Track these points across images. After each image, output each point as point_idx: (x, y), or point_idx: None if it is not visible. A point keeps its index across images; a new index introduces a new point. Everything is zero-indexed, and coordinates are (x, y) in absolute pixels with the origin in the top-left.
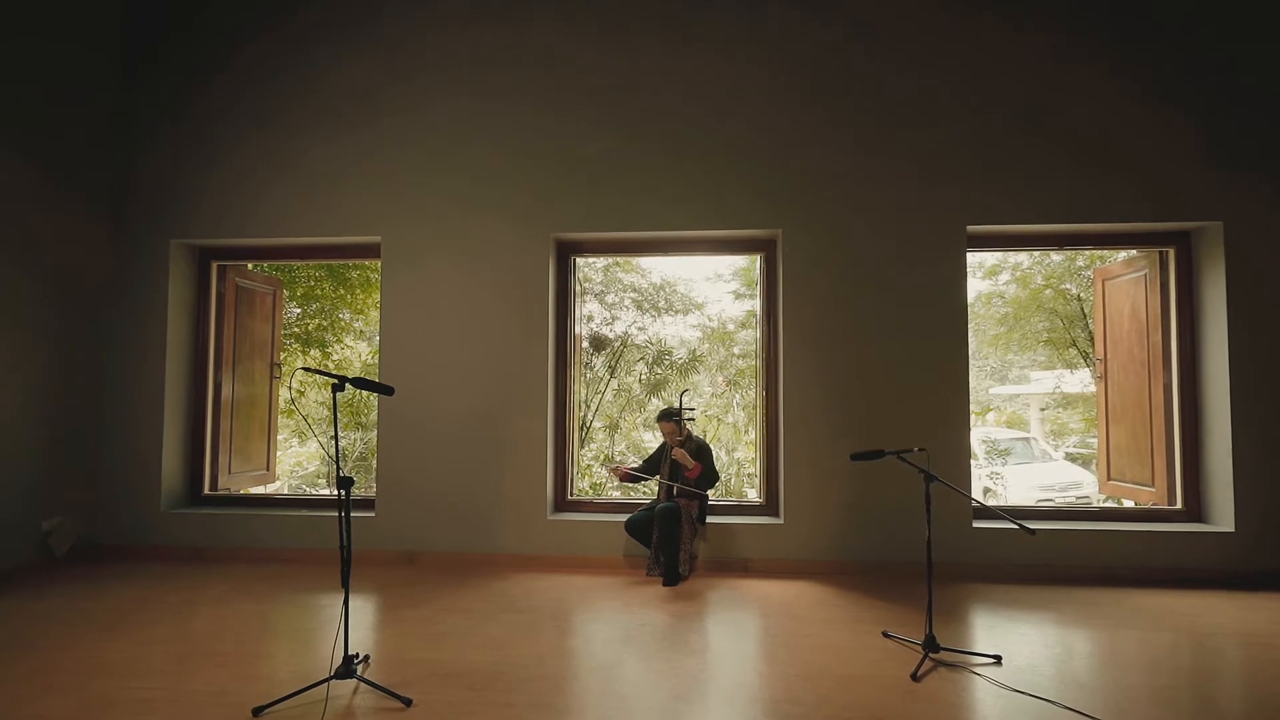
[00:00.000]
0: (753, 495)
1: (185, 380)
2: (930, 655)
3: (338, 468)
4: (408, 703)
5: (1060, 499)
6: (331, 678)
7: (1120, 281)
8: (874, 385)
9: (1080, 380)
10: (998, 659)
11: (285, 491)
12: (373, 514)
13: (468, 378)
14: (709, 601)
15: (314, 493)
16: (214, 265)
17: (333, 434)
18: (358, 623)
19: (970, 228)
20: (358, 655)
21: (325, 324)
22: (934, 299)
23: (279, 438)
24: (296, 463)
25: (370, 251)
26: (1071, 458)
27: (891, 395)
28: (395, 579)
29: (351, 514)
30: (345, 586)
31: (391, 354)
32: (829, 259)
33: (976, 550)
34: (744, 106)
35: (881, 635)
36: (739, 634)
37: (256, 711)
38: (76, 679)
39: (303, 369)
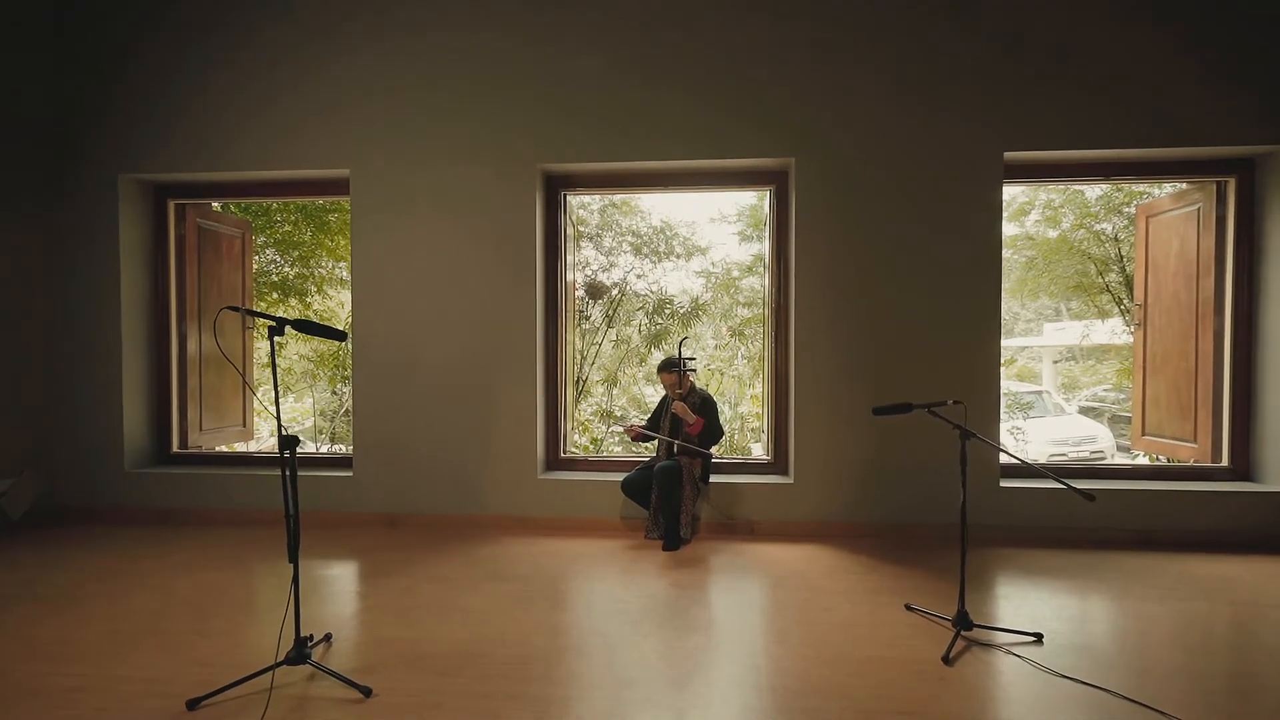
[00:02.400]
0: (758, 451)
1: (145, 330)
2: (962, 634)
3: (278, 423)
4: (366, 692)
5: (1074, 454)
6: (281, 663)
7: (1167, 218)
8: (894, 333)
9: (1109, 329)
10: (1038, 637)
11: (273, 449)
12: (351, 473)
13: (450, 325)
14: (713, 568)
15: (303, 450)
16: (171, 204)
17: (303, 385)
18: (325, 595)
19: (1008, 155)
20: (311, 638)
21: (307, 272)
22: (965, 237)
23: (270, 394)
24: (292, 418)
25: (340, 188)
26: (1084, 411)
27: (914, 344)
28: (373, 544)
29: (328, 474)
30: (294, 562)
31: (365, 300)
32: (847, 191)
33: (1004, 511)
34: (753, 16)
35: (905, 609)
36: (747, 608)
37: (191, 705)
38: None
39: (229, 308)
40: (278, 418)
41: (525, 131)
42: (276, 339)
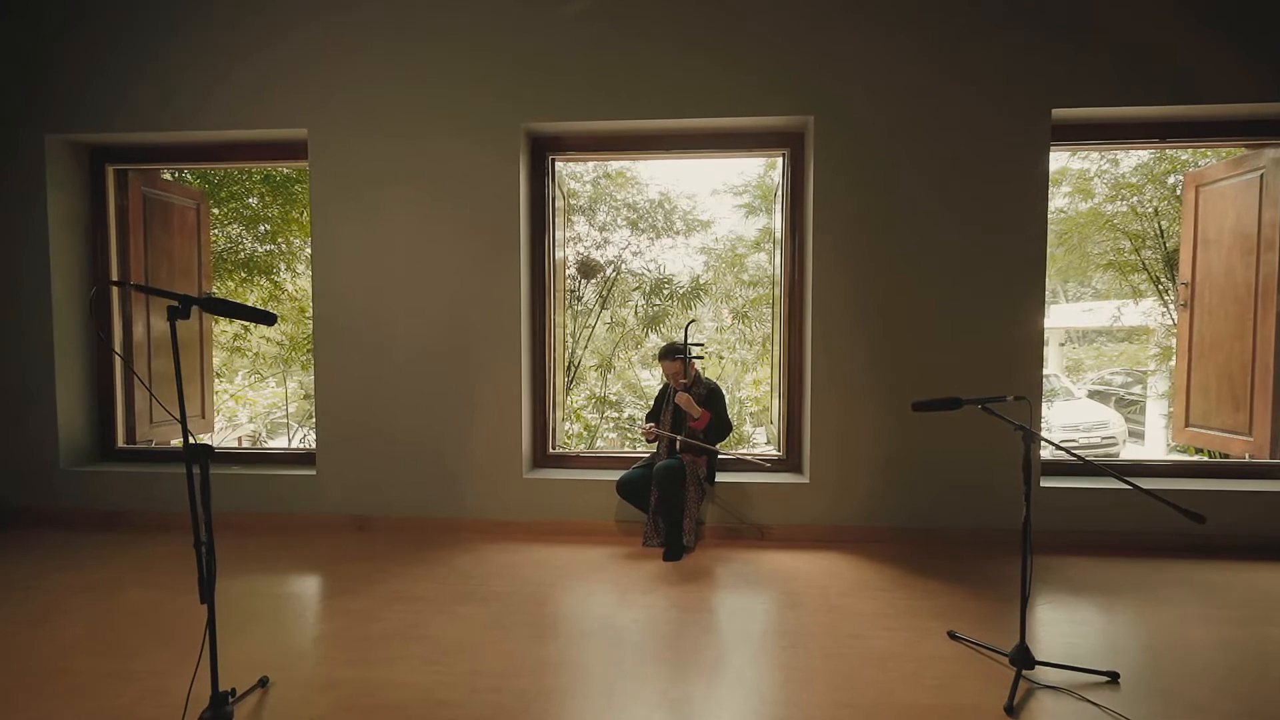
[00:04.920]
0: (759, 438)
1: (82, 311)
2: (1024, 674)
3: (183, 424)
4: None
5: (1086, 440)
6: None
7: (1222, 187)
8: (923, 315)
9: (1141, 311)
10: (1113, 677)
11: (245, 441)
12: (314, 471)
13: (425, 304)
14: (721, 583)
15: (265, 446)
16: (110, 170)
17: (274, 370)
18: (271, 622)
19: (1056, 112)
20: (232, 693)
21: (278, 250)
22: (1006, 207)
23: (245, 380)
24: (272, 404)
25: (298, 151)
26: (1092, 396)
27: (945, 328)
28: (337, 552)
29: (287, 472)
30: (207, 602)
31: (327, 277)
32: (872, 155)
33: (1044, 514)
34: None
35: (948, 637)
36: (762, 636)
37: None
38: None
39: (113, 283)
40: (182, 421)
41: (507, 85)
42: (212, 318)
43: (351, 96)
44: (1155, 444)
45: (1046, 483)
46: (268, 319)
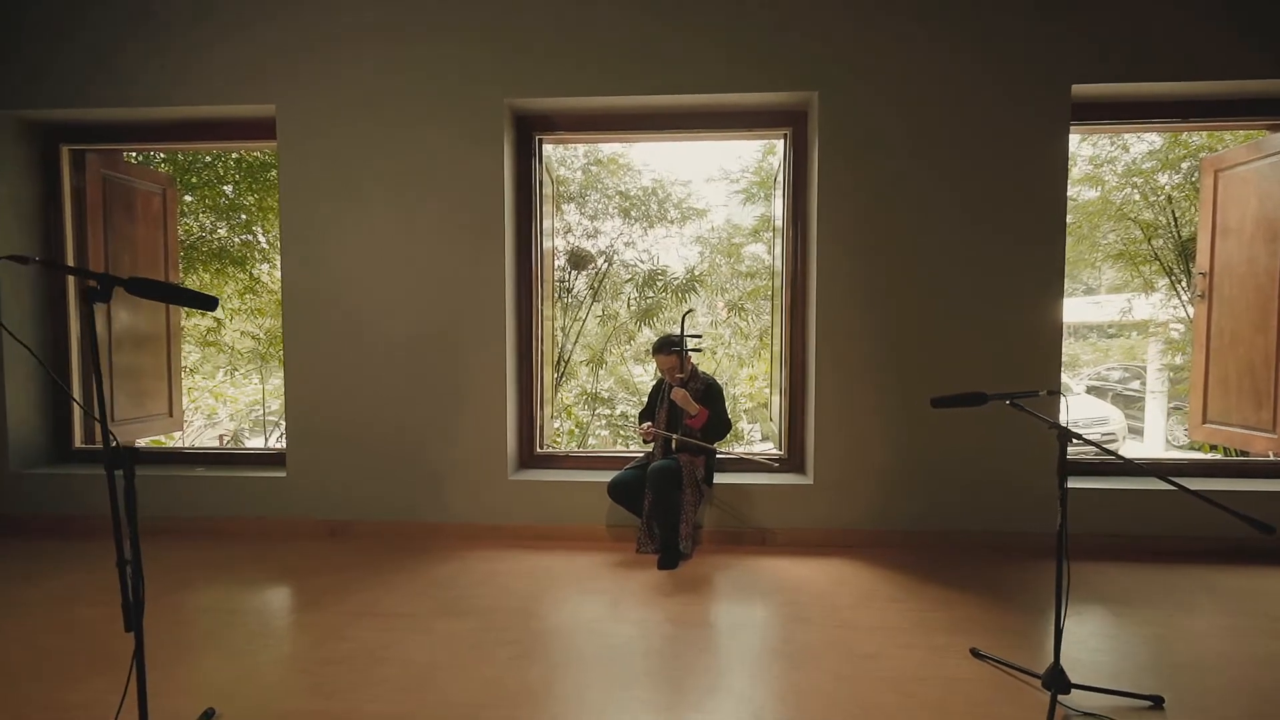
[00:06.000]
0: (755, 435)
1: (32, 301)
2: (1060, 700)
3: (104, 425)
4: None
5: (1085, 435)
6: None
7: (1243, 172)
8: (934, 306)
9: (1152, 304)
10: (1157, 701)
11: (227, 439)
12: (284, 473)
13: (402, 295)
14: (721, 594)
15: (234, 447)
16: (65, 150)
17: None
18: (226, 641)
19: (1076, 88)
20: None
21: (254, 240)
22: (1023, 192)
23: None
24: (254, 400)
25: (266, 130)
26: (1089, 391)
27: (959, 318)
28: (307, 561)
29: (256, 474)
30: (133, 630)
31: (295, 265)
32: (881, 135)
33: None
34: None
35: (970, 654)
36: (768, 657)
37: None
38: None
39: (10, 257)
40: (102, 421)
41: (488, 57)
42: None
43: (322, 69)
44: (1155, 441)
45: (1069, 483)
46: (207, 303)
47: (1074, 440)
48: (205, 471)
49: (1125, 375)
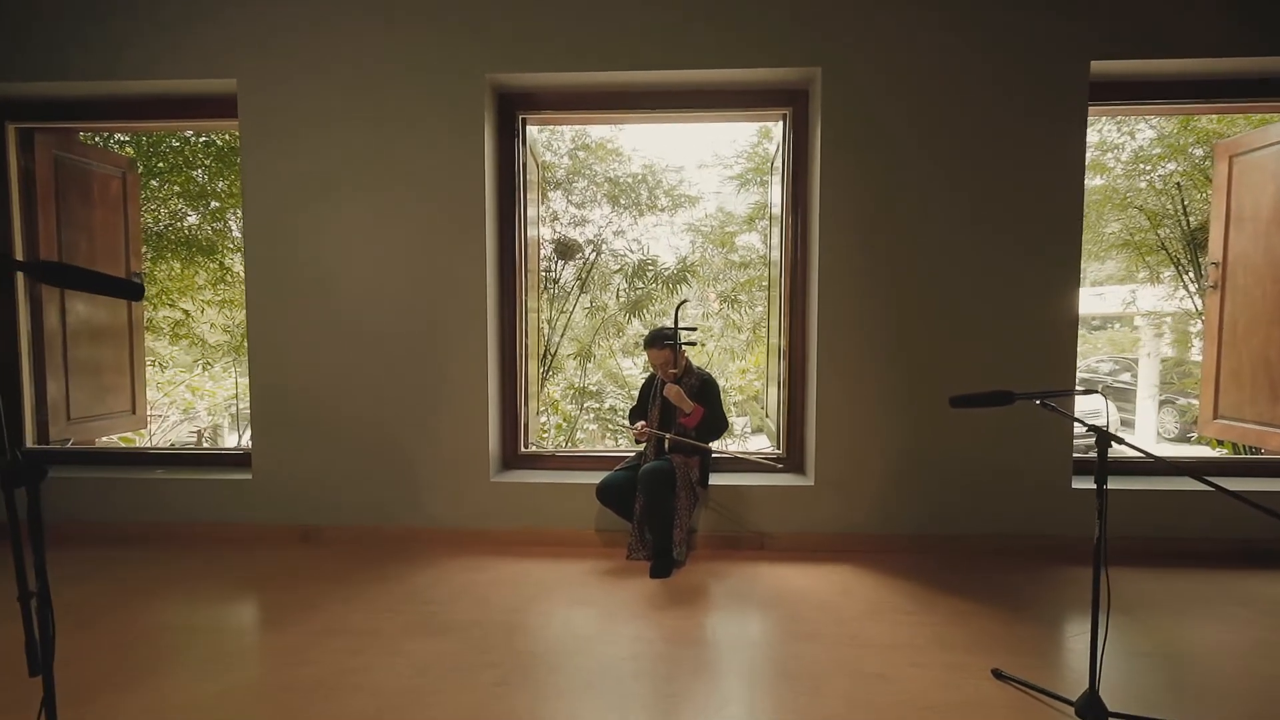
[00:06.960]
0: (748, 429)
1: None
2: None
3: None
4: None
5: (1077, 429)
6: None
7: (1259, 157)
8: (945, 295)
9: (1155, 295)
10: None
11: (206, 434)
12: (249, 475)
13: (377, 285)
14: (717, 605)
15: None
16: (11, 129)
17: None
18: (175, 667)
19: (1095, 65)
20: None
21: (225, 228)
22: (1037, 178)
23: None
24: (232, 395)
25: (228, 108)
26: (1080, 384)
27: (969, 310)
28: (274, 570)
29: (219, 476)
30: (40, 674)
31: (259, 250)
32: (888, 114)
33: (1079, 520)
34: None
35: (991, 675)
36: (771, 679)
37: None
38: None
39: None
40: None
41: (467, 28)
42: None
43: (286, 40)
44: (1146, 435)
45: (1077, 484)
46: (132, 292)
47: (1114, 444)
48: (165, 474)
49: (1115, 368)
